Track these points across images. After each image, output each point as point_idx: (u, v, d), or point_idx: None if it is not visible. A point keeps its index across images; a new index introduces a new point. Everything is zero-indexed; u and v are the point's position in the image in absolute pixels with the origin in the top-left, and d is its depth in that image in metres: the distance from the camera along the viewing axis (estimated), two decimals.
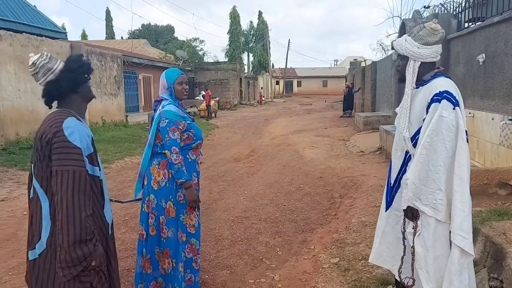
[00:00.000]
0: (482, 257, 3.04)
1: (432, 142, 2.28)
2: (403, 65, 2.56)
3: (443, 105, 2.28)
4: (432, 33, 2.42)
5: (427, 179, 2.31)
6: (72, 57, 2.12)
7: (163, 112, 3.08)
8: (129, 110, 19.50)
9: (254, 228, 5.04)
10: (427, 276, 2.37)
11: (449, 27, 8.21)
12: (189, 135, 3.16)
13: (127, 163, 9.63)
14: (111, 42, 36.14)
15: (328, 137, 13.48)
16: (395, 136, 2.72)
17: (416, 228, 2.40)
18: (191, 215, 3.21)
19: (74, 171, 1.84)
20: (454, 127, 2.26)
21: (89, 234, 1.84)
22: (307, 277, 3.72)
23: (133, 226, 5.01)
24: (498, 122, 5.81)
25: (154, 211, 3.15)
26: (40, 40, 11.84)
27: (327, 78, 61.93)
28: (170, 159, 3.01)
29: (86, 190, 1.86)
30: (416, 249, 2.41)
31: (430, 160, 2.29)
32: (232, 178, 7.77)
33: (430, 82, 2.44)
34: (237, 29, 49.06)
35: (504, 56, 5.75)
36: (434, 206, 2.31)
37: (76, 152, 1.88)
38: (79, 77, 2.08)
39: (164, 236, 3.14)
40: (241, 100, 34.58)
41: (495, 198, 4.93)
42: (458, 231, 2.25)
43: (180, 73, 3.27)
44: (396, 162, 2.66)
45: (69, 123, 1.92)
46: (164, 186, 3.11)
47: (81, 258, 1.82)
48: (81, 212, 1.82)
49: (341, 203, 6.08)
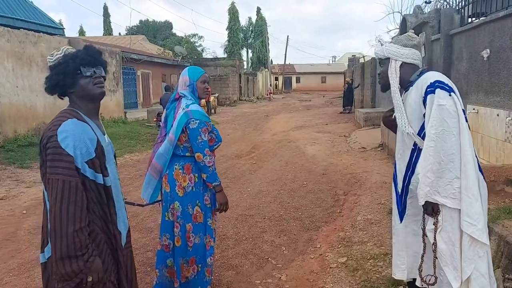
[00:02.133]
0: (496, 257, 2.97)
1: (438, 133, 2.24)
2: (384, 70, 2.61)
3: (439, 94, 2.28)
4: (410, 38, 2.54)
5: (442, 170, 2.24)
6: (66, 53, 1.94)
7: (190, 112, 2.92)
8: (128, 106, 19.37)
9: (259, 227, 4.97)
10: (455, 272, 2.26)
11: (452, 22, 8.12)
12: (212, 136, 3.06)
13: (127, 160, 9.54)
14: (109, 38, 35.95)
15: (329, 133, 13.41)
16: (398, 140, 2.64)
17: (437, 224, 2.30)
18: (213, 219, 3.12)
19: (64, 181, 1.71)
20: (455, 111, 2.24)
21: (79, 249, 1.70)
22: (314, 277, 3.65)
23: (133, 225, 4.94)
24: (504, 118, 5.74)
25: (180, 220, 3.00)
26: (38, 36, 11.72)
27: (325, 74, 61.86)
28: (204, 162, 2.91)
29: (76, 201, 1.72)
30: (440, 246, 2.30)
31: (441, 150, 2.23)
32: (234, 175, 7.69)
33: (419, 79, 2.45)
34: (236, 25, 48.99)
35: (509, 51, 5.66)
36: (454, 196, 2.23)
37: (67, 160, 1.73)
38: (63, 75, 1.88)
39: (191, 244, 3.01)
40: (240, 96, 34.48)
41: (503, 195, 4.86)
42: (464, 217, 2.21)
43: (203, 72, 3.16)
44: (401, 166, 2.57)
45: (66, 127, 1.78)
46: (191, 192, 2.98)
47: (71, 274, 1.69)
48: (68, 226, 1.68)
49: (345, 200, 6.02)
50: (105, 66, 2.01)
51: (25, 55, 11.07)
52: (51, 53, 1.97)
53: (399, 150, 2.61)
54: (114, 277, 1.95)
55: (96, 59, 1.96)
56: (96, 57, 1.96)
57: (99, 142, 1.91)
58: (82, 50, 1.95)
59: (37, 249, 4.36)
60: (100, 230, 1.89)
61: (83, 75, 1.90)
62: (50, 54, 1.96)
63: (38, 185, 7.28)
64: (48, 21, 14.24)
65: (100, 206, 1.90)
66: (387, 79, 2.58)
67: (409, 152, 2.50)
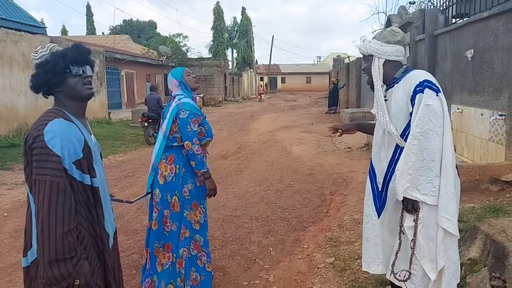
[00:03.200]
0: (482, 256, 2.99)
1: (422, 131, 2.28)
2: (368, 67, 2.61)
3: (427, 94, 2.30)
4: (393, 34, 2.53)
5: (423, 168, 2.29)
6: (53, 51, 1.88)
7: (181, 104, 3.11)
8: (112, 107, 19.13)
9: (246, 227, 4.93)
10: (432, 264, 2.34)
11: (436, 23, 8.20)
12: (202, 130, 3.19)
13: (111, 161, 9.41)
14: (93, 38, 35.50)
15: (315, 133, 13.43)
16: (375, 138, 2.66)
17: (418, 221, 2.36)
18: (196, 211, 3.21)
19: (51, 182, 1.65)
20: (441, 112, 2.29)
21: (68, 252, 1.65)
22: (302, 278, 3.63)
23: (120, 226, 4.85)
24: (488, 118, 5.80)
25: (158, 205, 3.17)
26: (19, 35, 11.50)
27: (310, 75, 62.14)
28: (192, 149, 3.05)
29: (65, 203, 1.67)
30: (419, 242, 2.36)
31: (424, 149, 2.28)
32: (220, 176, 7.64)
33: (405, 76, 2.46)
34: (221, 25, 48.84)
35: (493, 51, 5.73)
36: (433, 194, 2.30)
37: (55, 160, 1.67)
38: (43, 76, 1.82)
39: (168, 229, 3.18)
40: (226, 97, 34.39)
41: (487, 194, 4.92)
42: (442, 213, 2.29)
43: (183, 68, 3.35)
44: (382, 162, 2.58)
45: (53, 127, 1.72)
46: (171, 181, 3.13)
47: (59, 278, 1.64)
48: (57, 228, 1.63)
49: (332, 200, 6.02)
50: (93, 66, 1.98)
51: (6, 54, 10.84)
52: (35, 50, 1.90)
53: (378, 145, 2.63)
54: (100, 280, 1.90)
55: (85, 58, 1.91)
56: (85, 56, 1.91)
57: (87, 142, 1.85)
58: (71, 48, 1.90)
59: (18, 253, 4.26)
60: (86, 233, 1.84)
61: (72, 74, 1.85)
62: (34, 51, 1.90)
63: (19, 187, 7.12)
64: (30, 20, 13.99)
65: (87, 208, 1.84)
66: (371, 74, 2.58)
67: (393, 148, 2.51)
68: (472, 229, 3.25)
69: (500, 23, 5.50)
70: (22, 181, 7.37)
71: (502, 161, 5.29)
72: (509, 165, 5.06)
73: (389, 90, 2.55)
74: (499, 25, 5.53)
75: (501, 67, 5.50)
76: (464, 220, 3.54)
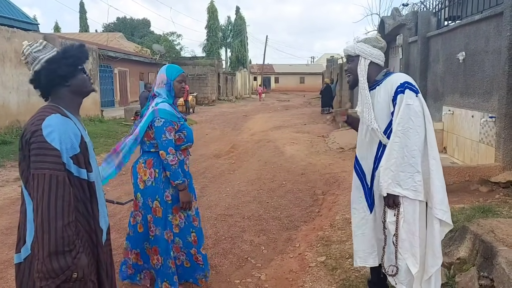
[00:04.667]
0: (471, 255, 3.03)
1: (403, 129, 2.42)
2: (353, 66, 2.74)
3: (407, 94, 2.45)
4: (378, 40, 2.72)
5: (404, 165, 2.43)
6: (66, 46, 1.93)
7: (157, 111, 2.99)
8: (105, 104, 19.03)
9: (238, 226, 4.95)
10: (414, 259, 2.47)
11: (429, 25, 8.28)
12: (181, 136, 3.11)
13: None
14: (86, 35, 35.30)
15: (308, 134, 13.48)
16: (360, 136, 2.83)
17: (399, 216, 2.49)
18: (176, 215, 3.19)
19: (51, 175, 1.67)
20: (421, 112, 2.43)
21: (67, 245, 1.67)
22: (294, 276, 3.66)
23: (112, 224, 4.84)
24: (478, 120, 5.88)
25: (141, 210, 3.15)
26: (11, 32, 11.41)
27: (304, 75, 62.26)
28: (166, 160, 2.96)
29: (64, 196, 1.69)
30: (401, 236, 2.49)
31: (405, 146, 2.42)
32: (213, 175, 7.65)
33: (386, 79, 2.62)
34: (215, 24, 48.75)
35: (484, 54, 5.81)
36: (414, 189, 2.43)
37: (54, 154, 1.70)
38: (64, 69, 1.87)
39: (152, 234, 3.15)
40: (219, 96, 34.35)
41: (477, 195, 4.98)
42: (439, 206, 2.42)
43: (181, 71, 3.22)
44: (369, 161, 2.73)
45: (50, 121, 1.74)
46: (151, 186, 3.07)
47: (58, 271, 1.65)
48: (57, 221, 1.65)
49: (324, 199, 6.05)
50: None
51: None
52: (34, 46, 1.90)
53: (363, 142, 2.78)
54: (94, 275, 1.91)
55: (87, 57, 1.99)
56: (87, 56, 2.00)
57: (83, 138, 1.88)
58: (77, 47, 1.96)
59: (10, 249, 4.24)
60: (82, 228, 1.86)
61: (83, 71, 1.95)
62: (36, 47, 1.90)
63: (11, 184, 7.08)
64: (23, 16, 13.89)
65: (83, 203, 1.87)
66: (356, 76, 2.73)
67: (376, 146, 2.67)
68: (461, 229, 3.30)
69: (491, 26, 5.57)
70: (13, 178, 7.33)
71: (491, 162, 5.36)
72: (499, 166, 5.13)
73: (371, 92, 2.69)
74: (490, 28, 5.61)
75: (491, 69, 5.58)
76: (454, 220, 3.57)
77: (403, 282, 2.52)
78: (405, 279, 2.52)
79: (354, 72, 2.73)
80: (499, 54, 5.26)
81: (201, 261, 3.36)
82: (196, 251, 3.34)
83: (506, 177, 4.97)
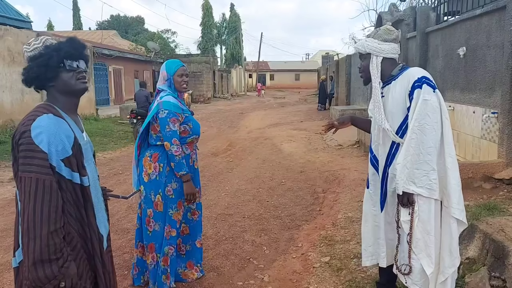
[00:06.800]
0: (481, 255, 2.96)
1: (420, 125, 2.34)
2: (365, 65, 2.66)
3: (425, 90, 2.37)
4: (389, 32, 2.60)
5: (420, 162, 2.35)
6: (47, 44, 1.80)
7: (161, 103, 3.04)
8: (99, 103, 18.85)
9: (239, 226, 4.85)
10: (429, 259, 2.40)
11: (428, 20, 8.19)
12: (186, 128, 3.13)
13: (100, 159, 9.25)
14: (80, 33, 34.96)
15: (305, 131, 13.40)
16: (373, 134, 2.75)
17: (414, 215, 2.41)
18: (180, 210, 3.19)
19: (37, 179, 1.58)
20: (438, 107, 2.37)
21: (53, 253, 1.57)
22: (298, 278, 3.57)
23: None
24: (480, 116, 5.81)
25: (143, 203, 3.17)
26: (4, 30, 11.23)
27: (299, 72, 62.12)
28: (170, 150, 3.00)
29: (51, 201, 1.59)
30: (415, 236, 2.42)
31: (421, 143, 2.35)
32: (212, 174, 7.55)
33: (403, 74, 2.53)
34: (209, 21, 48.51)
35: (486, 49, 5.73)
36: (429, 187, 2.35)
37: (41, 157, 1.60)
38: (45, 68, 1.74)
39: (151, 229, 3.15)
40: (214, 94, 34.18)
41: (480, 192, 4.91)
42: (456, 205, 2.36)
43: (181, 65, 3.22)
44: (381, 158, 2.66)
45: (40, 122, 1.64)
46: (154, 179, 3.10)
47: (43, 280, 1.56)
48: (42, 228, 1.56)
49: (325, 198, 5.97)
50: (87, 61, 1.90)
51: None
52: (27, 42, 1.81)
53: (377, 140, 2.69)
54: (90, 284, 1.81)
55: (80, 53, 1.84)
56: (80, 51, 1.85)
57: (77, 140, 1.78)
58: (66, 42, 1.83)
59: (5, 252, 4.13)
60: (76, 233, 1.76)
61: (66, 69, 1.79)
62: (27, 44, 1.81)
63: (6, 184, 6.95)
64: (15, 14, 13.68)
65: (76, 207, 1.76)
66: (368, 74, 2.64)
67: (389, 145, 2.59)
68: (469, 228, 3.22)
69: (493, 20, 5.49)
70: (8, 178, 7.19)
71: (494, 158, 5.29)
72: (502, 162, 5.06)
73: (386, 87, 2.62)
74: (492, 22, 5.53)
75: (494, 64, 5.50)
76: None
77: (417, 283, 2.45)
78: (420, 280, 2.44)
79: (367, 71, 2.65)
80: (502, 49, 5.19)
81: (183, 251, 3.42)
82: (181, 241, 3.39)
83: (510, 173, 4.90)
